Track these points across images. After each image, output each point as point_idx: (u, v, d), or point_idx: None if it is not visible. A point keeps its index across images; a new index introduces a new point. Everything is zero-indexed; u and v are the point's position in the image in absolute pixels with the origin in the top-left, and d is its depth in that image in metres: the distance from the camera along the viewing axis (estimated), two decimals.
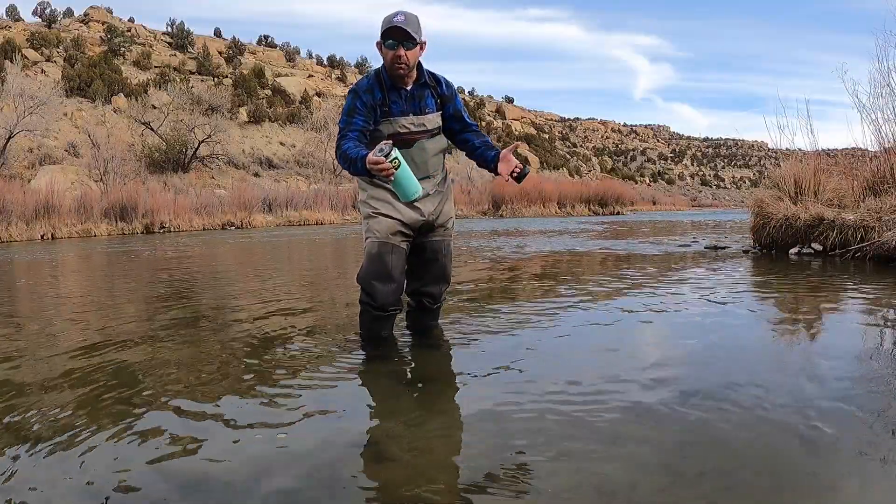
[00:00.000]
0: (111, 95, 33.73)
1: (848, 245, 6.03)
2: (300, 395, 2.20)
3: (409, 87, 2.67)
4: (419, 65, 2.68)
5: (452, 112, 2.79)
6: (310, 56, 54.37)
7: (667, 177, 78.43)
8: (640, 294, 4.31)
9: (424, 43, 2.63)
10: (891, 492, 1.42)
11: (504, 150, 2.64)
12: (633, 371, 2.38)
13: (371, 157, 2.32)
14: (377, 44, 2.61)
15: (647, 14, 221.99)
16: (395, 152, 2.35)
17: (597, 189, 35.20)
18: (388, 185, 2.64)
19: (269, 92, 42.93)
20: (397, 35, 2.52)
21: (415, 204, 2.67)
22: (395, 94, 2.64)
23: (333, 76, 52.12)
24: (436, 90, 2.73)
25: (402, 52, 2.53)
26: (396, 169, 2.34)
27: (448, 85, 2.78)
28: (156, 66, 40.25)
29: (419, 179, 2.65)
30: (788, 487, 1.44)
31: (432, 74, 2.75)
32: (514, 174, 2.59)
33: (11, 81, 26.39)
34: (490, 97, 67.60)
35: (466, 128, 2.83)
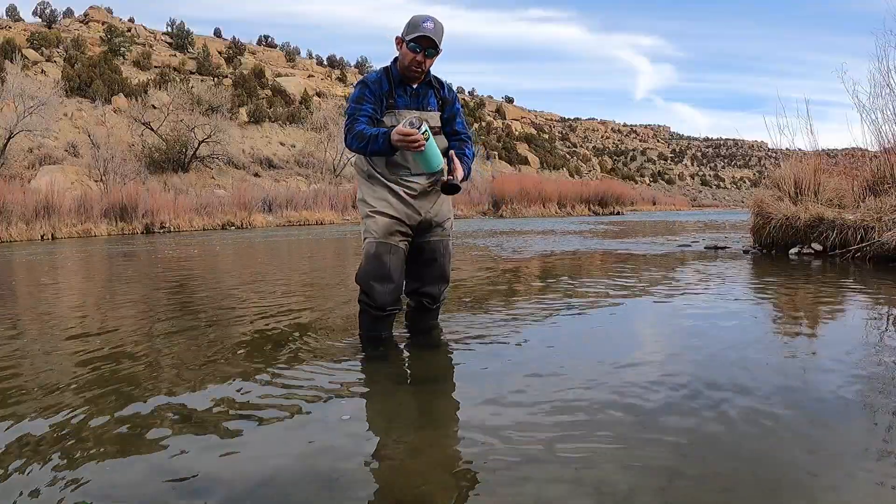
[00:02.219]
0: (111, 95, 33.73)
1: (848, 245, 6.03)
2: (300, 395, 2.19)
3: (415, 86, 2.74)
4: None
5: (448, 116, 2.86)
6: (310, 56, 54.40)
7: (667, 177, 78.45)
8: (640, 294, 4.31)
9: (440, 51, 2.71)
10: (892, 493, 1.42)
11: (451, 152, 2.69)
12: (632, 371, 2.38)
13: (401, 128, 2.44)
14: (397, 39, 2.68)
15: (648, 15, 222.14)
16: (425, 125, 2.45)
17: (597, 189, 35.23)
18: (391, 184, 2.68)
19: (269, 92, 42.94)
20: (424, 42, 2.60)
21: (412, 202, 2.70)
22: (400, 89, 2.72)
23: (333, 76, 52.12)
24: (438, 92, 2.82)
25: (422, 57, 2.62)
26: (426, 140, 2.44)
27: (450, 89, 2.87)
28: (156, 66, 40.25)
29: (416, 174, 2.69)
30: (789, 488, 1.44)
31: (436, 77, 2.83)
32: (443, 181, 2.60)
33: (11, 81, 26.37)
34: (490, 97, 67.64)
35: (456, 134, 2.89)
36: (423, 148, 2.44)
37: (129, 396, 2.23)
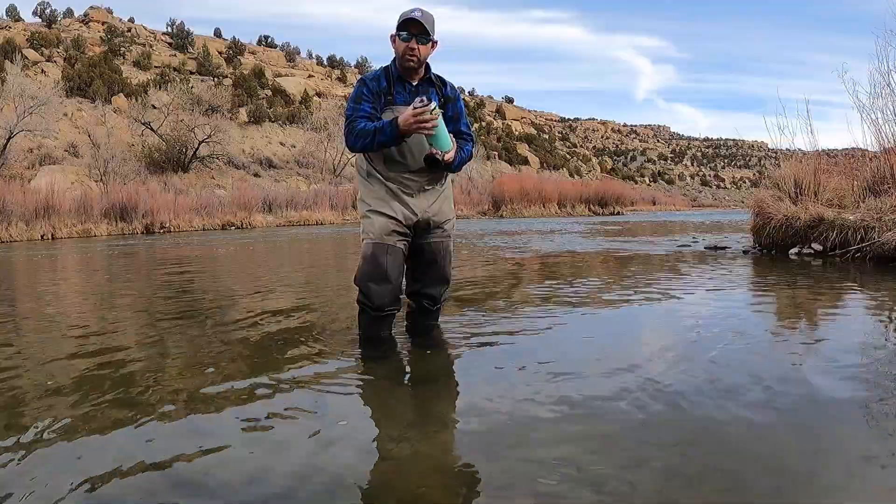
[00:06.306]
0: (111, 95, 33.76)
1: (848, 245, 6.02)
2: (299, 396, 2.19)
3: (414, 83, 2.73)
4: (427, 64, 2.75)
5: (451, 114, 2.84)
6: (310, 56, 54.40)
7: (667, 177, 78.41)
8: (640, 294, 4.31)
9: (436, 42, 2.70)
10: (892, 492, 1.42)
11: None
12: (632, 371, 2.38)
13: (413, 108, 2.40)
14: (391, 36, 2.69)
15: (650, 16, 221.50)
16: (434, 103, 2.40)
17: (597, 189, 35.26)
18: (389, 183, 2.68)
19: (269, 92, 42.97)
20: (413, 28, 2.60)
21: (409, 201, 2.70)
22: (399, 86, 2.71)
23: (333, 76, 52.13)
24: (440, 89, 2.80)
25: (415, 44, 2.61)
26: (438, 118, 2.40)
27: (452, 88, 2.85)
28: (156, 66, 40.26)
29: (414, 171, 2.69)
30: (789, 488, 1.44)
31: (438, 75, 2.81)
32: (430, 153, 2.59)
33: (11, 81, 26.39)
34: (490, 97, 67.64)
35: (459, 134, 2.87)
36: (434, 127, 2.39)
37: (128, 396, 2.23)
